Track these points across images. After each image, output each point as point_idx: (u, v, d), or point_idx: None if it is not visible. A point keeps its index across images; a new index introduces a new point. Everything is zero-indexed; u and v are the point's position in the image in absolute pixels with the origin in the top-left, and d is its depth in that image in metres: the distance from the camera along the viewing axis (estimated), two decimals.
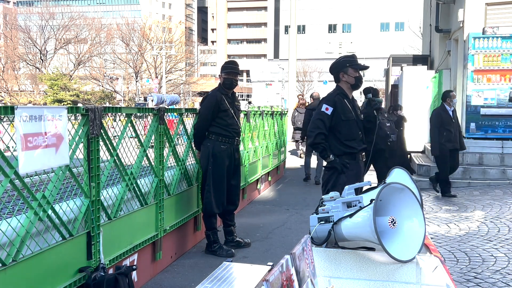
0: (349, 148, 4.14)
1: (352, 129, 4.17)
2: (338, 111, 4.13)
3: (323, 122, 4.12)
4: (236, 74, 5.30)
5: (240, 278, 1.74)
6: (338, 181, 4.07)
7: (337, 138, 4.15)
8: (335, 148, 4.15)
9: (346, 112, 4.14)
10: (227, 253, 5.15)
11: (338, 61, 4.27)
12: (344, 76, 4.17)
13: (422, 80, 12.28)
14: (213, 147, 5.17)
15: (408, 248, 1.94)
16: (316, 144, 4.18)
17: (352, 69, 4.16)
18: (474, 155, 9.41)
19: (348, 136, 4.13)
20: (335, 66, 4.25)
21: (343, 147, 4.13)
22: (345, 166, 4.08)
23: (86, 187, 3.37)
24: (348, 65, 4.16)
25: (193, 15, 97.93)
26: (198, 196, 5.65)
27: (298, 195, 8.86)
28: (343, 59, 4.25)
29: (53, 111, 2.93)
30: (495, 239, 5.48)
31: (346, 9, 68.71)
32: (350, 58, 4.26)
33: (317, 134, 4.14)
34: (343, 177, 4.07)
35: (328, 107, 4.12)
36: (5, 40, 51.19)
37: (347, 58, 4.25)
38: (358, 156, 4.20)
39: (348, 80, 4.18)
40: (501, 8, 10.58)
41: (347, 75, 4.16)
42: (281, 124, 11.39)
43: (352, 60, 4.22)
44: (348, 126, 4.14)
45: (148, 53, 48.28)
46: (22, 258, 2.76)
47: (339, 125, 4.13)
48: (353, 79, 4.17)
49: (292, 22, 20.57)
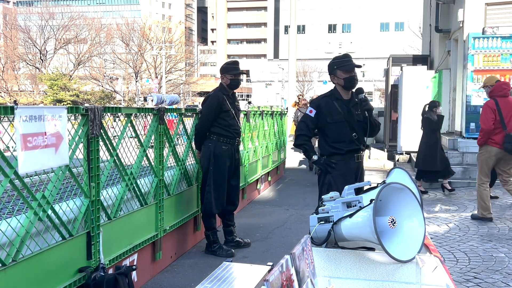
0: (336, 149, 4.13)
1: (342, 131, 4.10)
2: (323, 113, 4.13)
3: (306, 124, 4.20)
4: (240, 74, 5.33)
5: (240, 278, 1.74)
6: (324, 181, 4.13)
7: (324, 139, 4.19)
8: (323, 149, 4.21)
9: (333, 114, 4.11)
10: (227, 253, 5.15)
11: (329, 64, 4.24)
12: (335, 78, 4.15)
13: (422, 80, 12.27)
14: (214, 147, 5.17)
15: (408, 248, 1.94)
16: (299, 146, 4.31)
17: (341, 71, 4.08)
18: (474, 155, 9.38)
19: (335, 138, 4.11)
20: (328, 69, 4.25)
21: (331, 148, 4.15)
22: (329, 166, 4.08)
23: (86, 187, 3.37)
24: (336, 67, 4.12)
25: (193, 15, 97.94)
26: (198, 196, 5.65)
27: (298, 195, 8.86)
28: (332, 61, 4.21)
29: (53, 111, 2.93)
30: (495, 239, 5.48)
31: (346, 9, 68.72)
32: (339, 59, 4.20)
33: (299, 135, 4.25)
34: (328, 176, 4.10)
35: (312, 110, 4.19)
36: (5, 40, 51.15)
37: (335, 60, 4.20)
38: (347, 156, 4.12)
39: (339, 82, 4.13)
40: (501, 8, 10.58)
41: (336, 77, 4.12)
42: (281, 124, 11.39)
43: (340, 61, 4.14)
44: (335, 128, 4.11)
45: (148, 53, 48.27)
46: (22, 258, 2.76)
47: (325, 127, 4.15)
48: (342, 81, 4.10)
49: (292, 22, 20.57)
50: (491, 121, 6.16)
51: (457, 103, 11.48)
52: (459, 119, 10.88)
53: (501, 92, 6.29)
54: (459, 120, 10.88)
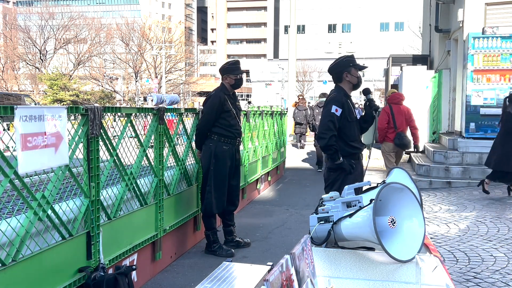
0: (354, 149, 4.18)
1: (355, 130, 4.22)
2: (345, 112, 4.14)
3: (334, 124, 4.11)
4: (243, 73, 5.39)
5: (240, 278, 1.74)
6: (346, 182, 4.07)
7: (343, 139, 4.16)
8: (341, 150, 4.16)
9: (351, 113, 4.18)
10: (227, 253, 5.15)
11: (340, 61, 4.26)
12: (348, 76, 4.19)
13: (421, 80, 12.27)
14: (216, 147, 5.16)
15: (407, 248, 1.94)
16: (329, 146, 4.13)
17: (355, 69, 4.20)
18: (474, 155, 9.41)
19: (351, 137, 4.17)
20: (338, 66, 4.24)
21: (349, 148, 4.16)
22: (352, 167, 4.12)
23: (86, 187, 3.37)
24: (351, 65, 4.19)
25: (192, 15, 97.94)
26: (197, 196, 5.65)
27: (298, 195, 8.86)
28: (345, 59, 4.26)
29: (53, 111, 2.93)
30: (495, 239, 5.48)
31: (346, 9, 68.73)
32: (352, 58, 4.29)
33: (331, 137, 4.10)
34: (351, 177, 4.10)
35: (337, 109, 4.11)
36: (4, 40, 51.13)
37: (349, 58, 4.26)
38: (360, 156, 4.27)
39: (351, 80, 4.20)
40: (500, 8, 10.58)
41: (350, 75, 4.18)
42: (281, 124, 11.39)
43: (354, 60, 4.26)
44: (351, 127, 4.18)
45: (148, 53, 48.27)
46: (21, 258, 2.76)
47: (345, 126, 4.14)
48: (355, 79, 4.21)
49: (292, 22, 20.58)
50: (385, 122, 8.03)
51: (457, 103, 11.47)
52: (459, 119, 10.88)
53: (395, 100, 8.20)
54: (459, 120, 10.88)
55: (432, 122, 12.27)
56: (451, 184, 8.77)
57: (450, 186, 8.80)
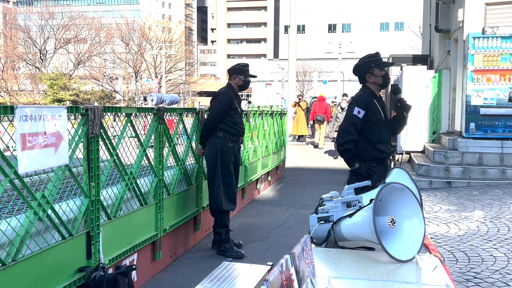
0: (379, 153, 3.98)
1: (382, 131, 4.02)
2: (369, 113, 3.96)
3: (355, 127, 3.95)
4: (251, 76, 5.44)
5: (240, 277, 1.74)
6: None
7: (369, 141, 3.98)
8: (364, 153, 3.97)
9: (377, 114, 3.99)
10: (237, 255, 5.11)
11: (362, 62, 4.09)
12: (371, 77, 4.02)
13: (421, 80, 12.25)
14: (222, 144, 5.15)
15: (407, 248, 1.94)
16: (346, 151, 3.99)
17: (378, 69, 4.01)
18: (474, 155, 9.41)
19: (379, 139, 3.98)
20: (359, 68, 4.09)
21: (374, 151, 3.97)
22: (372, 171, 3.91)
23: (86, 187, 3.37)
24: (374, 65, 4.01)
25: (192, 15, 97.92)
26: (197, 196, 5.64)
27: (298, 195, 8.86)
28: (367, 59, 4.07)
29: (53, 111, 2.93)
30: (495, 239, 5.48)
31: (346, 9, 68.71)
32: (374, 57, 4.08)
33: (350, 140, 3.96)
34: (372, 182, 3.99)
35: (360, 110, 3.95)
36: (4, 40, 51.12)
37: (371, 58, 4.07)
38: (387, 160, 4.04)
39: (376, 80, 4.03)
40: (500, 8, 10.58)
41: (373, 75, 4.01)
42: (281, 124, 11.39)
43: (376, 59, 4.05)
44: (378, 128, 3.99)
45: (148, 52, 48.26)
46: (21, 258, 2.76)
47: (371, 128, 3.96)
48: (380, 79, 4.02)
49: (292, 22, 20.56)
50: None
51: (457, 103, 11.47)
52: (458, 119, 10.88)
53: None
54: (459, 120, 10.87)
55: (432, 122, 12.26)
56: (451, 184, 8.77)
57: (450, 186, 8.79)
